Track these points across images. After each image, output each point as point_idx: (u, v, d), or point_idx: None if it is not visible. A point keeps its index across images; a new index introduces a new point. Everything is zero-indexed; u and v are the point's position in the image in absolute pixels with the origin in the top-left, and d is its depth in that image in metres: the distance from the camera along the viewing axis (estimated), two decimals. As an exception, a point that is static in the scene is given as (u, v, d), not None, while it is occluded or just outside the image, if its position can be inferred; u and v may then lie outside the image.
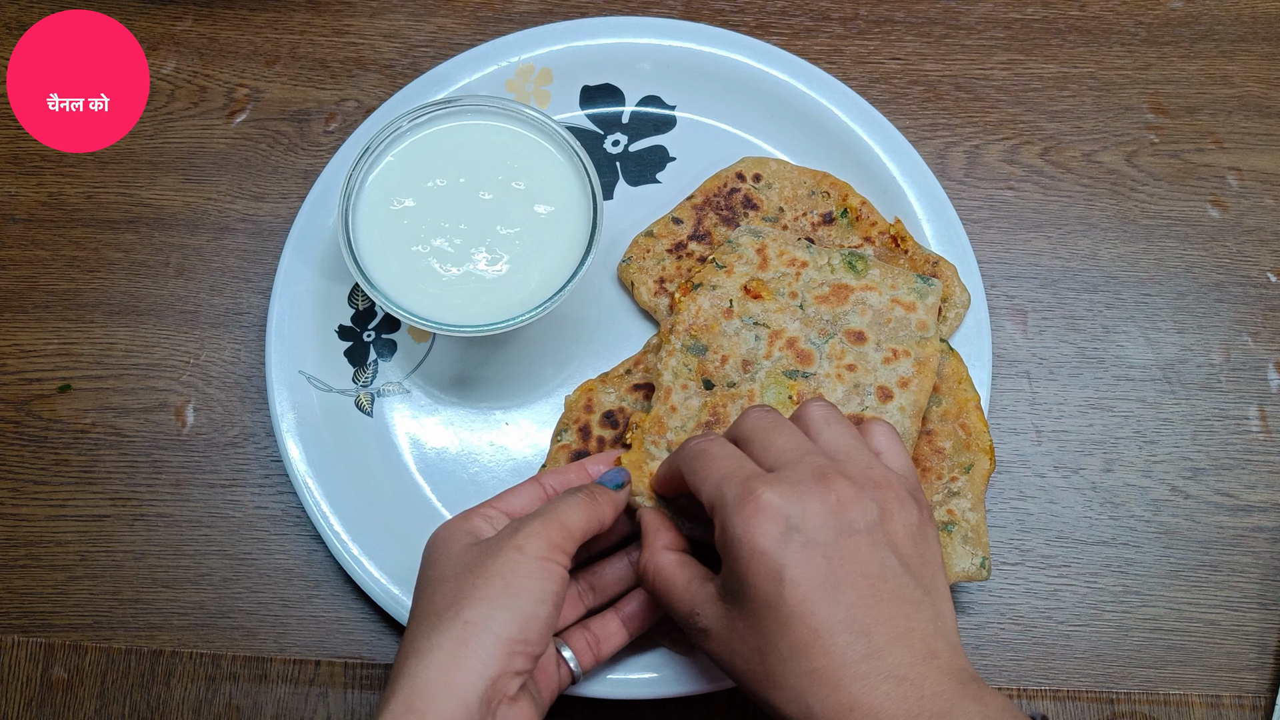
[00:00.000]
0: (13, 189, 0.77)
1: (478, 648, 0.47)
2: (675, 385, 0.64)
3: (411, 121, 0.68)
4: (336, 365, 0.70)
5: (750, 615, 0.48)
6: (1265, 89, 0.79)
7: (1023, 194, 0.77)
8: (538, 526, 0.52)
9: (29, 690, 0.68)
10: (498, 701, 0.48)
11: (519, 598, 0.49)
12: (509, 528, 0.53)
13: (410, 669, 0.47)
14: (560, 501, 0.54)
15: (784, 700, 0.46)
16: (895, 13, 0.81)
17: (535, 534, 0.51)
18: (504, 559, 0.50)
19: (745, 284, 0.66)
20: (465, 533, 0.54)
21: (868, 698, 0.45)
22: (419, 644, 0.48)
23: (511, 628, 0.48)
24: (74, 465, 0.71)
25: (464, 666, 0.47)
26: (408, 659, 0.48)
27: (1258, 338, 0.74)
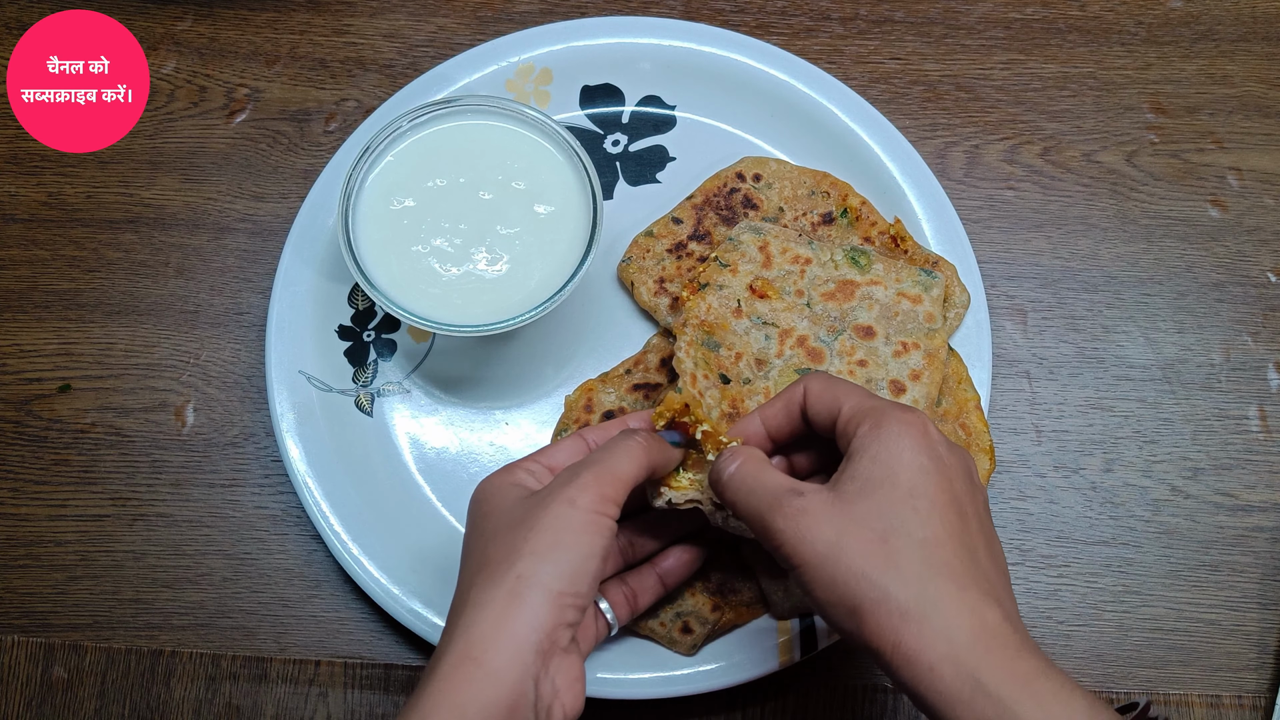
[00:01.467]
0: (13, 189, 0.77)
1: (530, 600, 0.48)
2: (697, 374, 0.63)
3: (411, 121, 0.68)
4: (336, 365, 0.70)
5: (883, 502, 0.47)
6: (1265, 89, 0.79)
7: (1023, 194, 0.77)
8: (589, 479, 0.51)
9: (29, 690, 0.68)
10: (550, 652, 0.48)
11: (570, 550, 0.49)
12: (562, 477, 0.52)
13: (466, 620, 0.48)
14: (612, 450, 0.53)
15: (899, 582, 0.45)
16: (895, 12, 0.81)
17: (586, 487, 0.51)
18: (555, 512, 0.50)
19: (750, 284, 0.66)
20: (512, 485, 0.53)
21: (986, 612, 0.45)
22: (473, 595, 0.49)
23: (562, 581, 0.48)
24: (74, 465, 0.71)
25: (518, 618, 0.47)
26: (463, 609, 0.49)
27: (1258, 337, 0.73)
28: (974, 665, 0.44)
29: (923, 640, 0.44)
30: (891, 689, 0.67)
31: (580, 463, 0.53)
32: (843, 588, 0.46)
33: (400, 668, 0.68)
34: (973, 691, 0.43)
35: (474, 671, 0.46)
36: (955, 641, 0.44)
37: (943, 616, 0.45)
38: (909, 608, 0.45)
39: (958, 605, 0.45)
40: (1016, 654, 0.44)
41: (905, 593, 0.45)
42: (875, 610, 0.45)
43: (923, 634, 0.44)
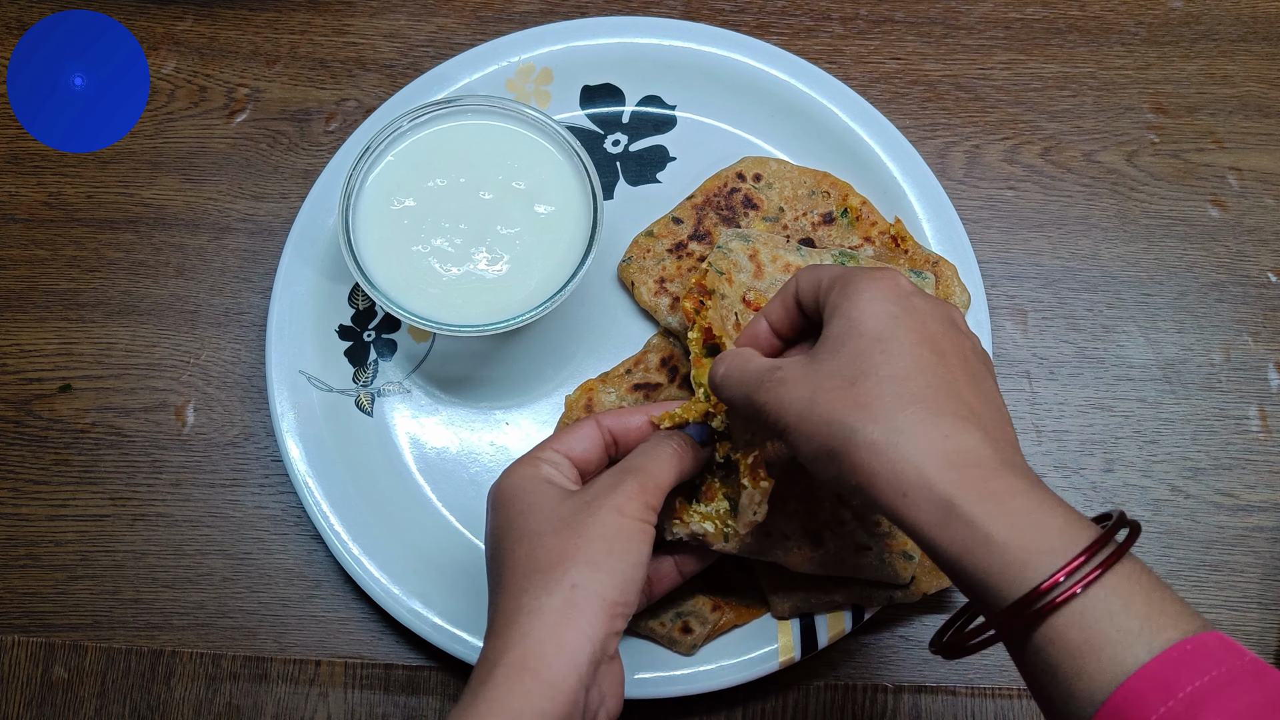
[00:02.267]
0: (13, 189, 0.77)
1: (586, 610, 0.48)
2: None
3: (412, 121, 0.68)
4: (337, 365, 0.70)
5: (851, 352, 0.48)
6: (1266, 89, 0.79)
7: (1023, 194, 0.77)
8: (635, 488, 0.52)
9: (29, 690, 0.68)
10: (601, 661, 0.49)
11: (621, 560, 0.50)
12: (605, 482, 0.52)
13: (521, 627, 0.48)
14: (653, 457, 0.54)
15: (867, 419, 0.45)
16: (895, 12, 0.81)
17: (633, 496, 0.51)
18: (605, 520, 0.50)
19: (744, 295, 0.64)
20: (545, 483, 0.53)
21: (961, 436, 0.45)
22: (526, 602, 0.49)
23: (615, 591, 0.49)
24: (74, 465, 0.71)
25: (574, 629, 0.48)
26: (516, 616, 0.48)
27: (1258, 337, 0.73)
28: (946, 489, 0.43)
29: (894, 469, 0.44)
30: (891, 690, 0.67)
31: (622, 468, 0.53)
32: (820, 438, 0.47)
33: (400, 668, 0.68)
34: (945, 515, 0.43)
35: (531, 683, 0.46)
36: (926, 467, 0.44)
37: (913, 444, 0.44)
38: (877, 440, 0.45)
39: (929, 431, 0.45)
40: (992, 474, 0.44)
41: (875, 427, 0.45)
42: (848, 450, 0.45)
43: (894, 463, 0.44)
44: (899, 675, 0.67)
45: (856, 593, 0.64)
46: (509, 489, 0.54)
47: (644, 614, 0.64)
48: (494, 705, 0.46)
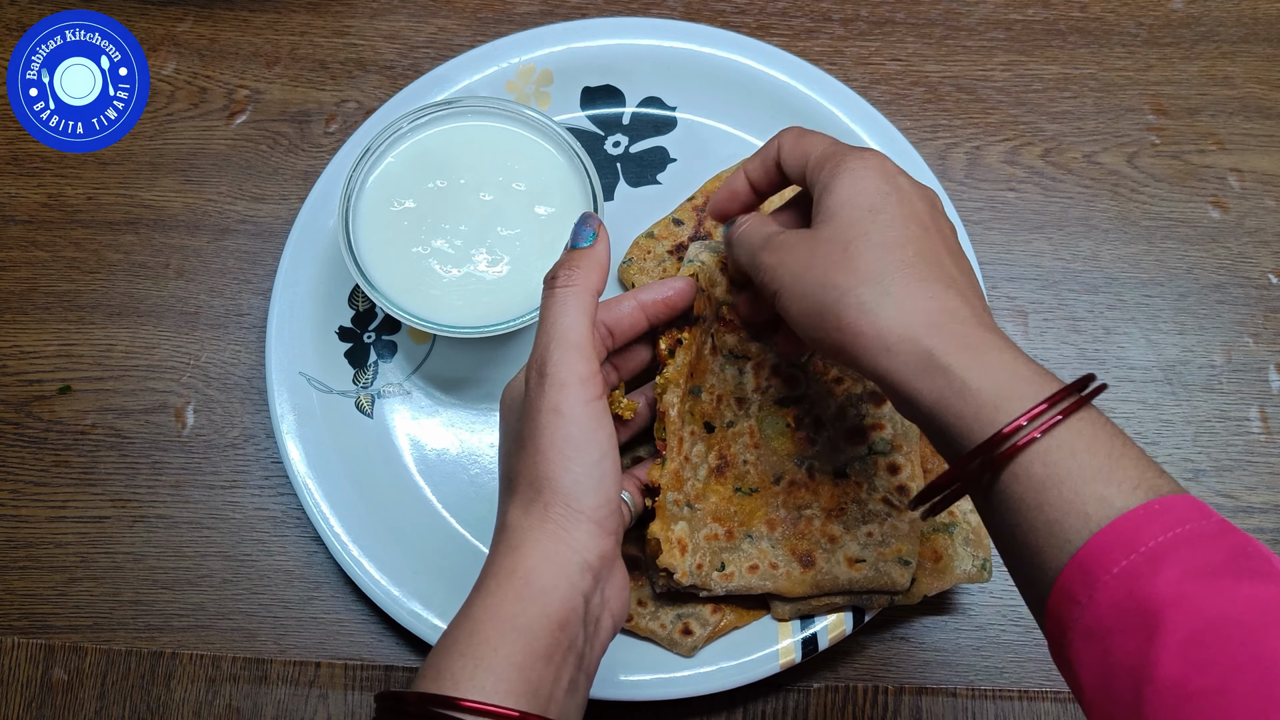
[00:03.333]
0: (13, 189, 0.77)
1: (568, 526, 0.48)
2: (685, 433, 0.62)
3: (412, 123, 0.68)
4: (337, 366, 0.70)
5: (844, 221, 0.50)
6: (1266, 90, 0.79)
7: (1024, 195, 0.77)
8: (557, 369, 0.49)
9: (29, 691, 0.68)
10: (597, 569, 0.49)
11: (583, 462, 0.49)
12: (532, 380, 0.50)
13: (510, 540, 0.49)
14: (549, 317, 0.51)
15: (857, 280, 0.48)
16: (896, 14, 0.81)
17: (563, 382, 0.49)
18: (548, 427, 0.49)
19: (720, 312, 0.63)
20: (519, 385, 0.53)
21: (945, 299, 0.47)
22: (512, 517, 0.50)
23: (591, 497, 0.49)
24: (74, 466, 0.71)
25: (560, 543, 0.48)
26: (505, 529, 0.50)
27: (1259, 339, 0.73)
28: (927, 341, 0.46)
29: (879, 324, 0.47)
30: (892, 691, 0.67)
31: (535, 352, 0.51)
32: (811, 298, 0.49)
33: (401, 669, 0.68)
34: (925, 364, 0.46)
35: (522, 589, 0.47)
36: (910, 323, 0.47)
37: (898, 302, 0.47)
38: (866, 299, 0.47)
39: (915, 293, 0.47)
40: (971, 331, 0.47)
41: (864, 287, 0.48)
42: (837, 308, 0.48)
43: (879, 319, 0.47)
44: (899, 677, 0.67)
45: (857, 595, 0.64)
46: (503, 399, 0.55)
47: (645, 616, 0.64)
48: (489, 611, 0.47)
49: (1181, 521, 0.41)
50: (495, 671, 0.45)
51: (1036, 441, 0.43)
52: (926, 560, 0.64)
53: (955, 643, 0.68)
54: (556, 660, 0.46)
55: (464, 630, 0.46)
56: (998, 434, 0.44)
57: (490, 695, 0.44)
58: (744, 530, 0.63)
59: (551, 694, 0.46)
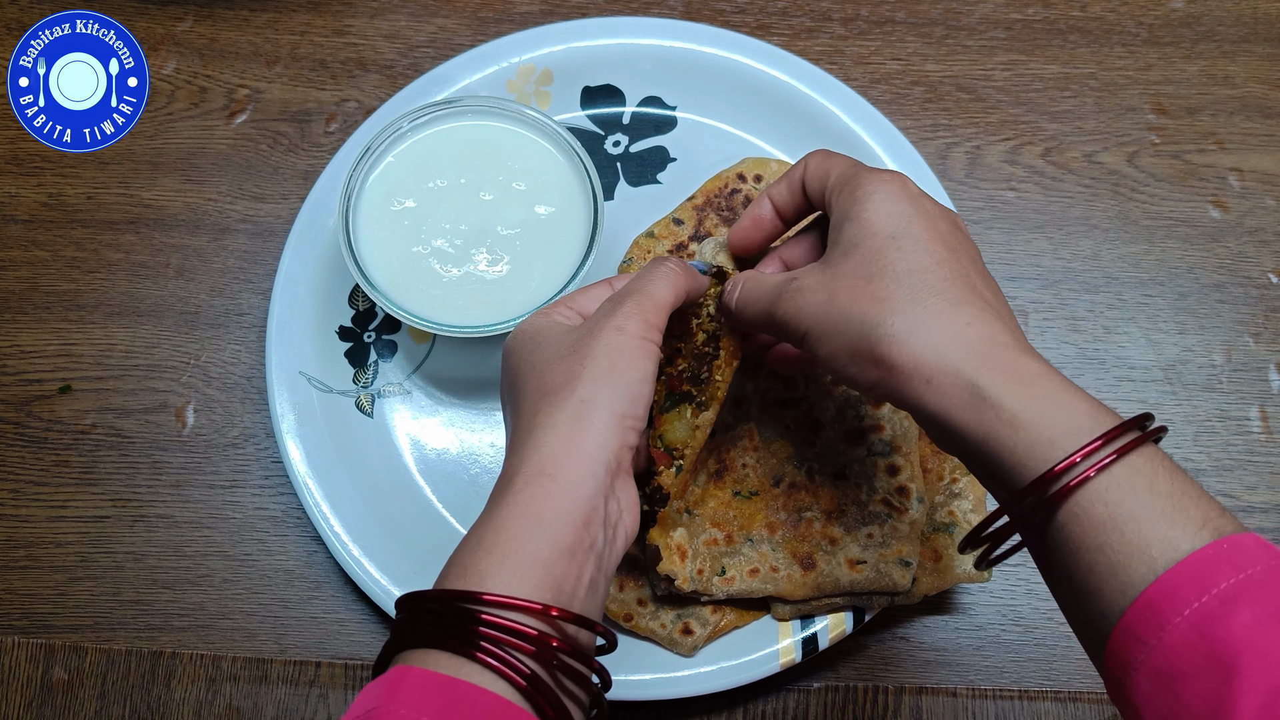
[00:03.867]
0: (13, 189, 0.77)
1: (596, 421, 0.48)
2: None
3: (412, 122, 0.68)
4: (337, 366, 0.70)
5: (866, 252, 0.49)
6: (1267, 89, 0.79)
7: (1024, 195, 0.77)
8: (633, 307, 0.51)
9: (29, 691, 0.68)
10: (617, 473, 0.49)
11: (625, 374, 0.50)
12: (604, 308, 0.52)
13: (536, 440, 0.48)
14: (649, 278, 0.53)
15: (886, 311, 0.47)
16: (896, 13, 0.81)
17: (632, 314, 0.51)
18: (607, 339, 0.50)
19: None
20: (553, 323, 0.54)
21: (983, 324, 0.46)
22: (540, 419, 0.49)
23: (623, 404, 0.49)
24: (74, 466, 0.71)
25: (586, 438, 0.48)
26: (530, 433, 0.49)
27: (1259, 339, 0.73)
28: (970, 372, 0.44)
29: (916, 357, 0.45)
30: (892, 691, 0.67)
31: (621, 292, 0.53)
32: (840, 336, 0.48)
33: (401, 669, 0.68)
34: (970, 396, 0.44)
35: (549, 485, 0.47)
36: (950, 352, 0.45)
37: (933, 332, 0.46)
38: (899, 331, 0.46)
39: (950, 320, 0.46)
40: (1015, 358, 0.45)
41: (895, 319, 0.46)
42: (869, 343, 0.47)
43: (915, 351, 0.45)
44: (900, 677, 0.67)
45: (857, 596, 0.64)
46: (519, 336, 0.54)
47: (645, 615, 0.64)
48: (516, 509, 0.46)
49: (1252, 562, 0.39)
50: (522, 566, 0.45)
51: (1093, 479, 0.41)
52: (926, 560, 0.64)
53: (955, 642, 0.68)
54: (579, 557, 0.46)
55: (490, 528, 0.46)
56: (1052, 470, 0.42)
57: (516, 590, 0.44)
58: (744, 534, 0.63)
59: (575, 591, 0.46)
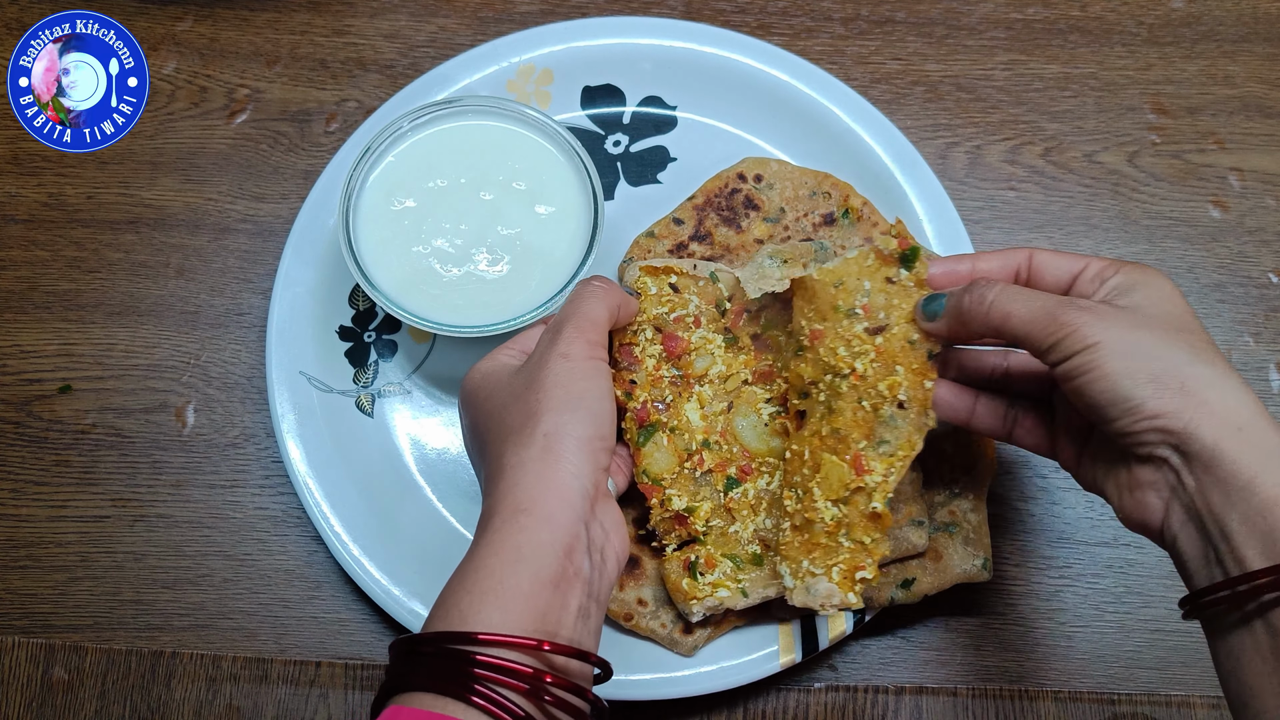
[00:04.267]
0: (13, 189, 0.77)
1: (564, 451, 0.50)
2: None
3: (412, 122, 0.68)
4: (337, 366, 0.70)
5: (1172, 309, 0.51)
6: (1267, 89, 0.79)
7: (1024, 194, 0.77)
8: (572, 331, 0.54)
9: (29, 691, 0.68)
10: (595, 497, 0.51)
11: (583, 398, 0.52)
12: (545, 340, 0.55)
13: (508, 481, 0.50)
14: (578, 300, 0.56)
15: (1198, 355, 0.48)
16: (896, 13, 0.81)
17: (573, 339, 0.54)
18: (555, 368, 0.52)
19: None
20: (500, 365, 0.56)
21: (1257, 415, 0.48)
22: (508, 460, 0.51)
23: (587, 427, 0.51)
24: (74, 466, 0.71)
25: (558, 469, 0.50)
26: (502, 474, 0.50)
27: (1259, 338, 0.73)
28: (1274, 433, 0.47)
29: (1228, 403, 0.47)
30: (892, 691, 0.67)
31: (556, 321, 0.56)
32: (1144, 359, 0.48)
33: (401, 669, 0.68)
34: (1271, 455, 0.46)
35: (526, 520, 0.48)
36: (1257, 412, 0.47)
37: (1241, 391, 0.48)
38: (1213, 376, 0.48)
39: (1247, 390, 0.48)
40: None
41: (1212, 369, 0.48)
42: (1181, 375, 0.48)
43: (1228, 397, 0.47)
44: (900, 676, 0.67)
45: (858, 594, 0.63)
46: (470, 385, 0.56)
47: (645, 615, 0.64)
48: (495, 546, 0.48)
49: None
50: (503, 600, 0.46)
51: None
52: (927, 560, 0.64)
53: (955, 642, 0.68)
54: (564, 587, 0.47)
55: (471, 567, 0.47)
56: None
57: (499, 625, 0.45)
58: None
59: (561, 620, 0.47)
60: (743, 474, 0.63)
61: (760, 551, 0.62)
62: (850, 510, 0.57)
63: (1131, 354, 0.48)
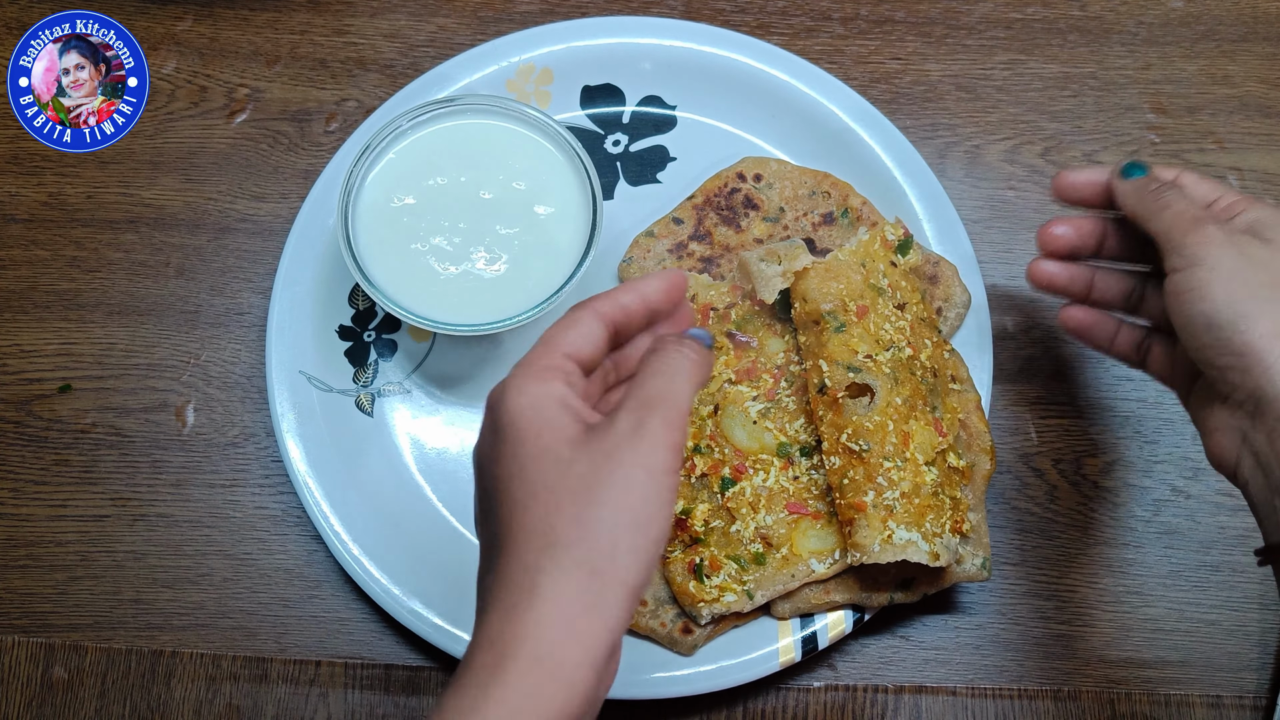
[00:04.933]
0: (13, 189, 0.77)
1: (608, 598, 0.42)
2: None
3: (412, 121, 0.68)
4: (337, 365, 0.70)
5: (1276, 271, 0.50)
6: (1266, 89, 0.79)
7: (1023, 194, 0.77)
8: (660, 431, 0.44)
9: (29, 690, 0.68)
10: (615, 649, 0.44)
11: (647, 535, 0.43)
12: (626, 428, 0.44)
13: (536, 612, 0.42)
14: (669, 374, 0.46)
15: None
16: (896, 12, 0.81)
17: (660, 442, 0.43)
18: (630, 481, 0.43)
19: None
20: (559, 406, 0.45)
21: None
22: (542, 581, 0.42)
23: (641, 574, 0.43)
24: (74, 465, 0.71)
25: (594, 619, 0.42)
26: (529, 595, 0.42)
27: (1259, 338, 0.73)
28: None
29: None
30: (892, 690, 0.67)
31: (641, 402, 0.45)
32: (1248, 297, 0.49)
33: (400, 668, 0.68)
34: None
35: (547, 682, 0.41)
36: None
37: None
38: None
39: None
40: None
41: None
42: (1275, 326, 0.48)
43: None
44: (899, 676, 0.67)
45: (857, 593, 0.64)
46: (518, 413, 0.45)
47: (645, 614, 0.64)
48: (508, 706, 0.41)
49: None
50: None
51: None
52: (926, 559, 0.64)
53: (955, 641, 0.68)
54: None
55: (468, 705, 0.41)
56: None
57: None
58: None
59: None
60: (737, 473, 0.64)
61: (763, 550, 0.62)
62: (940, 471, 0.62)
63: (1240, 286, 0.49)
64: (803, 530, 0.63)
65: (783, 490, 0.64)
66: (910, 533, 0.59)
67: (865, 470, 0.60)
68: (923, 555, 0.59)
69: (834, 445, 0.62)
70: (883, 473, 0.60)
